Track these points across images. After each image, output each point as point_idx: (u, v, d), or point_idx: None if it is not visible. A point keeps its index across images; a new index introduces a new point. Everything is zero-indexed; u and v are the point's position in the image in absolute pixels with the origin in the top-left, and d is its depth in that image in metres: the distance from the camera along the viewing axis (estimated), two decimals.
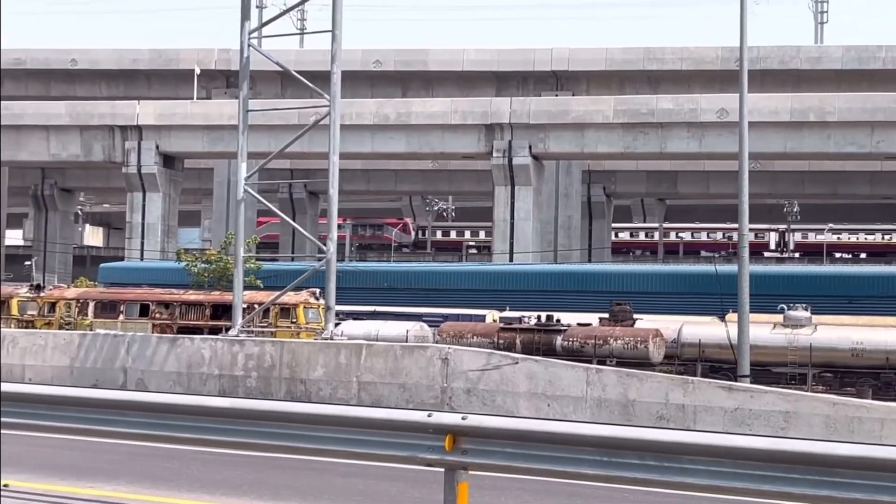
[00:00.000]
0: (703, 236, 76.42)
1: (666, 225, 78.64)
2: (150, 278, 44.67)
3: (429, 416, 9.12)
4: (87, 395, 10.52)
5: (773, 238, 75.16)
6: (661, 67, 59.50)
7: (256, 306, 30.24)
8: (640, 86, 59.13)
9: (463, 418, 9.02)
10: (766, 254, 71.41)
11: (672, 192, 74.88)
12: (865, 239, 74.47)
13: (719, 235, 74.99)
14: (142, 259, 54.68)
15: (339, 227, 43.71)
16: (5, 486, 10.37)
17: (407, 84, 62.05)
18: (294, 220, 47.22)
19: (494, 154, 51.25)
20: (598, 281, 44.01)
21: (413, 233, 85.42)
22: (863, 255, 72.33)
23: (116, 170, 58.52)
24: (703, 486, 8.10)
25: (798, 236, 75.46)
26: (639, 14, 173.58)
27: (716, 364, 31.90)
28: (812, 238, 74.81)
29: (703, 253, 69.81)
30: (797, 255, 73.21)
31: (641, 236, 78.18)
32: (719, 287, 35.06)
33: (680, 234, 77.26)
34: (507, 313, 37.28)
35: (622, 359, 30.46)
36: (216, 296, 37.15)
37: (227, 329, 24.91)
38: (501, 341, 32.64)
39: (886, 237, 74.29)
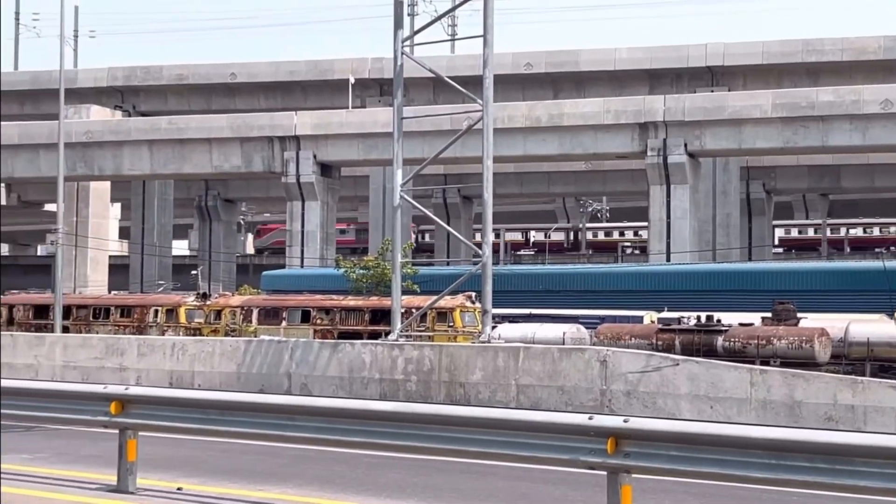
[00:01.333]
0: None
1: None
2: (310, 285, 45.60)
3: (590, 418, 9.10)
4: (258, 400, 10.83)
5: None
6: (821, 59, 57.83)
7: (414, 311, 30.59)
8: (799, 79, 57.58)
9: (625, 421, 8.97)
10: None
11: (835, 187, 72.71)
12: None
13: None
14: (302, 266, 55.86)
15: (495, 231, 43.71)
16: (179, 488, 10.76)
17: (558, 85, 61.87)
18: (448, 225, 47.56)
19: (649, 153, 50.64)
20: (759, 280, 42.98)
21: (413, 235, 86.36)
22: None
23: (276, 180, 59.96)
24: (877, 489, 7.87)
25: None
26: (790, 5, 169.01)
27: (885, 363, 30.80)
28: None
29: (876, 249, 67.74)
30: None
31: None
32: (888, 284, 33.87)
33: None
34: (665, 314, 36.74)
35: (786, 359, 29.66)
36: (374, 301, 37.71)
37: (386, 334, 25.27)
38: (660, 343, 32.18)
39: None
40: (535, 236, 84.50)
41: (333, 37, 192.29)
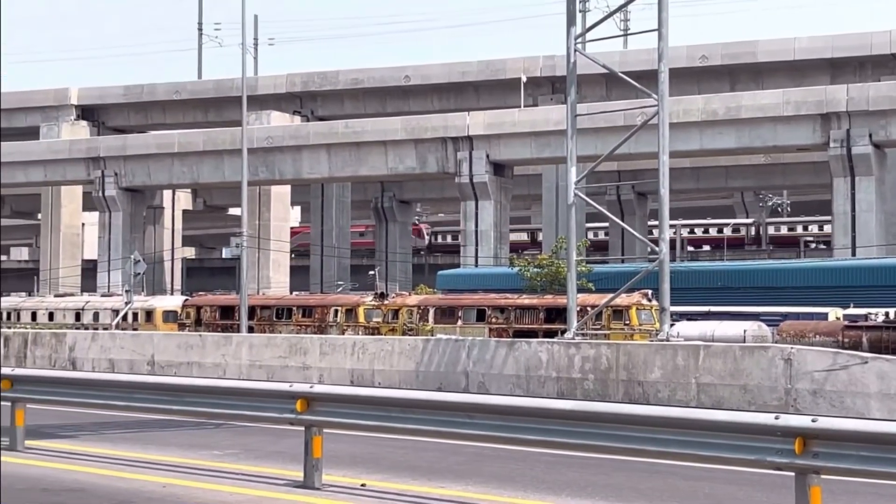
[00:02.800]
0: None
1: None
2: (484, 284, 45.86)
3: (776, 418, 8.90)
4: (437, 398, 10.95)
5: None
6: None
7: (589, 309, 30.42)
8: None
9: (813, 420, 8.74)
10: None
11: None
12: None
13: None
14: (476, 265, 56.22)
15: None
16: (363, 485, 10.96)
17: (735, 77, 60.53)
18: (623, 222, 47.09)
19: (831, 144, 49.04)
20: None
21: (427, 237, 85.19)
22: None
23: (450, 180, 60.53)
24: None
25: None
26: None
27: None
28: None
29: None
30: None
31: None
32: None
33: None
34: (851, 310, 35.53)
35: None
36: (549, 299, 37.65)
37: (562, 332, 25.19)
38: (846, 340, 31.12)
39: None
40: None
41: (504, 36, 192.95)
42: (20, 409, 13.52)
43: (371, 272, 66.13)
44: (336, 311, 42.35)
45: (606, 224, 74.88)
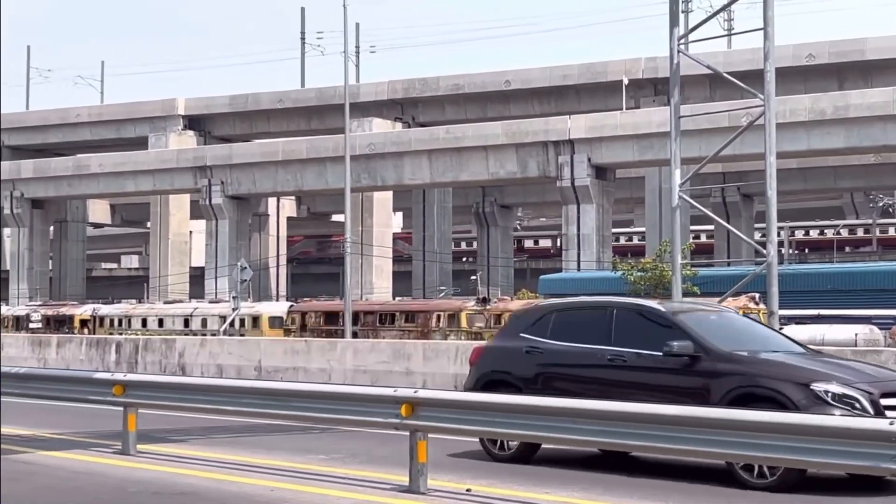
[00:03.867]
0: None
1: None
2: (587, 288, 45.56)
3: (890, 423, 8.71)
4: (540, 403, 10.89)
5: None
6: None
7: None
8: None
9: None
10: None
11: None
12: None
13: None
14: (578, 270, 55.90)
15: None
16: (468, 490, 10.96)
17: (843, 76, 59.24)
18: (728, 224, 46.40)
19: None
20: None
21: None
22: None
23: (551, 184, 60.32)
24: None
25: None
26: None
27: None
28: None
29: None
30: None
31: None
32: None
33: None
34: None
35: None
36: None
37: None
38: None
39: None
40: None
41: (605, 39, 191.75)
42: (132, 413, 13.81)
43: (473, 277, 66.18)
44: (439, 316, 42.52)
45: (711, 227, 73.93)
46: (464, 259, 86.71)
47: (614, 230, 65.19)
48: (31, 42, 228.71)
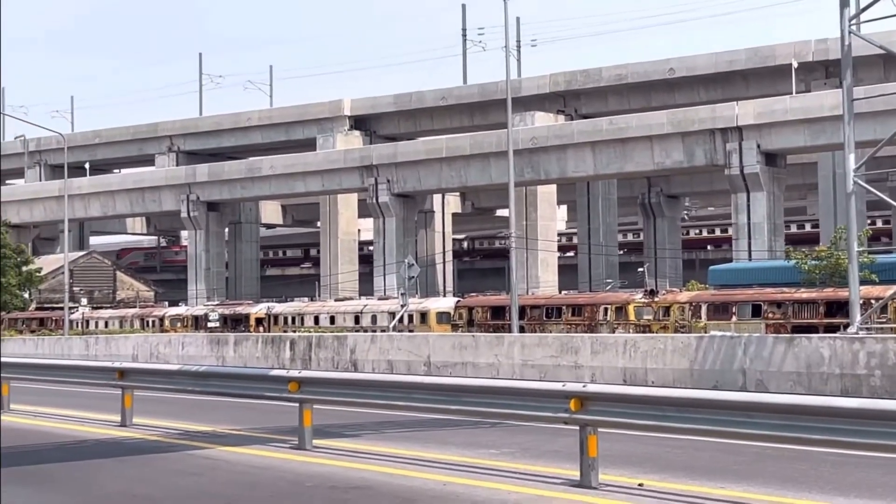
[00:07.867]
0: None
1: None
2: (759, 278, 44.52)
3: None
4: (714, 396, 10.71)
5: None
6: None
7: (873, 302, 29.01)
8: None
9: None
10: None
11: None
12: None
13: None
14: (749, 259, 54.67)
15: None
16: (640, 484, 10.85)
17: None
18: None
19: None
20: None
21: None
22: None
23: (718, 172, 59.14)
24: None
25: None
26: None
27: None
28: None
29: None
30: None
31: None
32: None
33: None
34: None
35: None
36: (829, 293, 36.20)
37: (844, 326, 24.13)
38: None
39: None
40: None
41: (769, 22, 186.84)
42: (307, 409, 14.15)
43: (640, 269, 65.42)
44: (606, 309, 42.20)
45: (888, 211, 71.23)
46: (620, 251, 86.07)
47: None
48: (203, 49, 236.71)
